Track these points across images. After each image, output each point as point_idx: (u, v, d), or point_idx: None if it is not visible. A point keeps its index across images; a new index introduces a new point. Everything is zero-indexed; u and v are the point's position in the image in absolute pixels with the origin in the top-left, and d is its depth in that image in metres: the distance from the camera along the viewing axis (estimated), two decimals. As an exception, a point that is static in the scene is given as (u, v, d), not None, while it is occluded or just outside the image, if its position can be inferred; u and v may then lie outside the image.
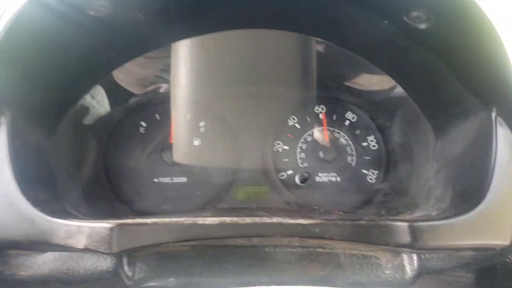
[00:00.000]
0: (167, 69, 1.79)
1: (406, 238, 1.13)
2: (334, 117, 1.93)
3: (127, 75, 1.71)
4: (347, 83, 1.91)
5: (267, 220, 1.15)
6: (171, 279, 1.23)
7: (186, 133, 1.85)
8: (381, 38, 1.47)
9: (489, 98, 1.26)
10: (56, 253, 1.22)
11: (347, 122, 1.93)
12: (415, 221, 1.16)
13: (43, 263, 1.21)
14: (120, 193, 1.77)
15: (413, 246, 1.13)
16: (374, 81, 1.84)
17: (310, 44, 1.80)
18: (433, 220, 1.17)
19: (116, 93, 1.77)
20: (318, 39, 1.74)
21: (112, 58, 1.59)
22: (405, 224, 1.14)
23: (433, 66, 1.39)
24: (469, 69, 1.29)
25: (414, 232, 1.13)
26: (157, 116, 1.85)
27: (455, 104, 1.38)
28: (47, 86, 1.37)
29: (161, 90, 1.87)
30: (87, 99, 1.62)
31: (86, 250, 1.10)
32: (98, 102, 1.70)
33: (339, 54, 1.72)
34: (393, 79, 1.66)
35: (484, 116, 1.27)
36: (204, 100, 1.86)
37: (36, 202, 1.15)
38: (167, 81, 1.84)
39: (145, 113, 1.85)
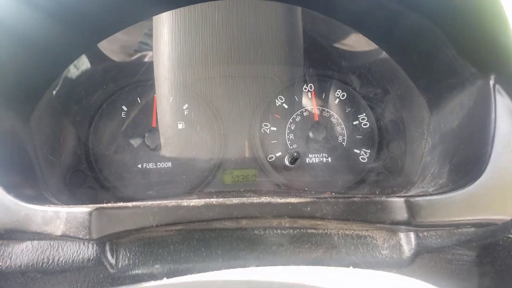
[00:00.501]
0: (151, 33, 1.73)
1: (403, 214, 1.08)
2: (323, 95, 1.89)
3: (111, 42, 1.64)
4: (335, 57, 1.86)
5: (255, 200, 1.09)
6: (156, 266, 1.17)
7: (170, 116, 1.79)
8: (371, 4, 1.41)
9: (486, 65, 1.21)
10: (35, 242, 1.16)
11: (336, 101, 1.88)
12: (412, 196, 1.10)
13: (21, 252, 1.15)
14: (102, 179, 1.70)
15: (411, 223, 1.08)
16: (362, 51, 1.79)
17: (296, 17, 1.75)
18: (430, 195, 1.12)
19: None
20: (303, 10, 1.69)
21: (84, 39, 1.52)
22: (401, 199, 1.09)
23: (426, 32, 1.33)
24: (466, 33, 1.23)
25: (411, 208, 1.09)
26: (139, 100, 1.79)
27: (451, 74, 1.33)
28: (18, 71, 1.31)
29: (146, 59, 1.81)
30: (70, 71, 1.57)
31: (64, 236, 1.05)
32: (81, 72, 1.64)
33: (326, 25, 1.68)
34: (384, 49, 1.61)
35: (481, 85, 1.22)
36: (187, 81, 1.80)
37: (9, 188, 1.10)
38: (151, 48, 1.78)
39: (126, 96, 1.79)
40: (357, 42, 1.72)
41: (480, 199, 1.11)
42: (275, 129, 1.83)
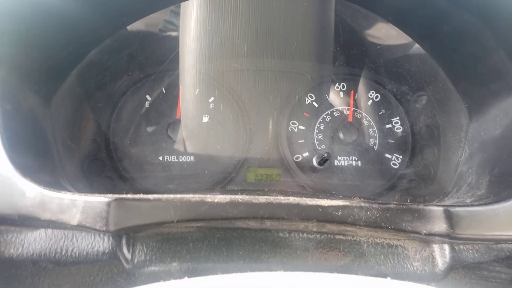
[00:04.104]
0: (177, 10, 1.67)
1: (441, 225, 1.01)
2: (356, 95, 1.82)
3: None
4: (371, 55, 1.79)
5: (283, 200, 1.03)
6: (174, 264, 1.12)
7: (195, 109, 1.74)
8: (417, 1, 1.34)
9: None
10: (49, 231, 1.11)
11: (369, 102, 1.82)
12: (452, 206, 1.03)
13: (34, 241, 1.10)
14: (122, 170, 1.66)
15: (449, 234, 1.01)
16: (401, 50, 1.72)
17: (330, 11, 1.68)
18: (472, 206, 1.04)
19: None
20: (342, 3, 1.62)
21: (113, 20, 1.48)
22: (440, 208, 1.02)
23: (474, 33, 1.26)
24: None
25: (450, 218, 1.01)
26: (164, 89, 1.75)
27: (496, 79, 1.26)
28: (42, 50, 1.27)
29: (171, 39, 1.74)
30: (96, 55, 1.52)
31: (80, 226, 1.00)
32: (106, 56, 1.59)
33: (365, 20, 1.62)
34: (425, 49, 1.54)
35: (530, 93, 1.15)
36: (214, 73, 1.75)
37: (26, 172, 1.05)
38: (176, 27, 1.71)
39: (151, 85, 1.75)
40: (396, 40, 1.65)
41: (525, 213, 1.03)
42: (303, 128, 1.78)
